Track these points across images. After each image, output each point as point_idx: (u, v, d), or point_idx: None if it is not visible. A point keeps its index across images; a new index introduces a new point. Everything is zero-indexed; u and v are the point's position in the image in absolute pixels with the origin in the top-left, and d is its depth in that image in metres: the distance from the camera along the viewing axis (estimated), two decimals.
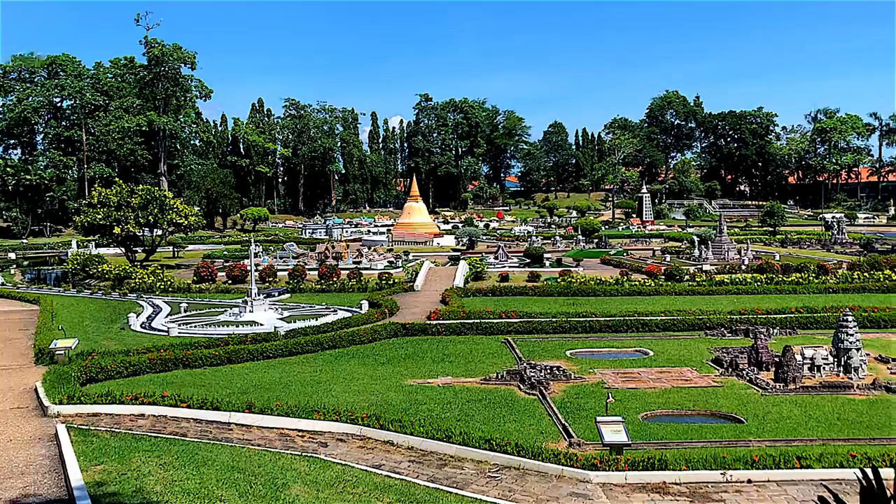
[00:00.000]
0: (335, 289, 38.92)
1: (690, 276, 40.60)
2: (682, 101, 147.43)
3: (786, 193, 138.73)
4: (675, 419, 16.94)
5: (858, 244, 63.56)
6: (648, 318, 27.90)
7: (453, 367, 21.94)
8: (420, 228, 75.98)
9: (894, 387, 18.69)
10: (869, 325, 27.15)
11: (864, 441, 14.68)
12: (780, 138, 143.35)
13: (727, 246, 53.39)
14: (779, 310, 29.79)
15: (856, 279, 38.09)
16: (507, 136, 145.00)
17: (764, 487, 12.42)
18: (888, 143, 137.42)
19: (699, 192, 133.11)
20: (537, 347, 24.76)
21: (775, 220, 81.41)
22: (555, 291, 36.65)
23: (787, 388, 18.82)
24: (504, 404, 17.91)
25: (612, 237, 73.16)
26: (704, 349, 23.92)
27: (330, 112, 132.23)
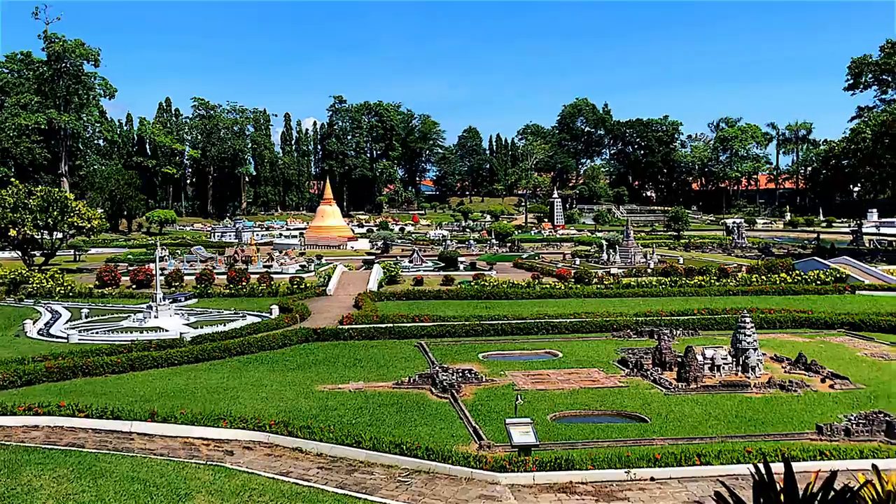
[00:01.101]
0: (245, 293, 38.14)
1: (599, 279, 41.59)
2: (592, 109, 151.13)
3: (690, 199, 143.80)
4: (583, 419, 17.28)
5: (757, 248, 66.51)
6: (558, 321, 28.41)
7: (365, 372, 21.80)
8: (334, 232, 75.29)
9: (788, 385, 19.57)
10: (766, 325, 28.39)
11: (760, 437, 15.32)
12: (685, 146, 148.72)
13: (634, 250, 54.98)
14: (682, 311, 30.80)
15: (754, 282, 39.77)
16: (422, 140, 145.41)
17: (666, 485, 12.80)
18: (784, 151, 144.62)
19: (608, 198, 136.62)
20: (450, 351, 24.85)
21: (680, 225, 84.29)
22: (468, 295, 36.92)
23: (689, 388, 19.47)
24: (416, 408, 17.89)
25: (525, 241, 74.28)
26: (611, 350, 24.52)
27: (241, 112, 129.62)
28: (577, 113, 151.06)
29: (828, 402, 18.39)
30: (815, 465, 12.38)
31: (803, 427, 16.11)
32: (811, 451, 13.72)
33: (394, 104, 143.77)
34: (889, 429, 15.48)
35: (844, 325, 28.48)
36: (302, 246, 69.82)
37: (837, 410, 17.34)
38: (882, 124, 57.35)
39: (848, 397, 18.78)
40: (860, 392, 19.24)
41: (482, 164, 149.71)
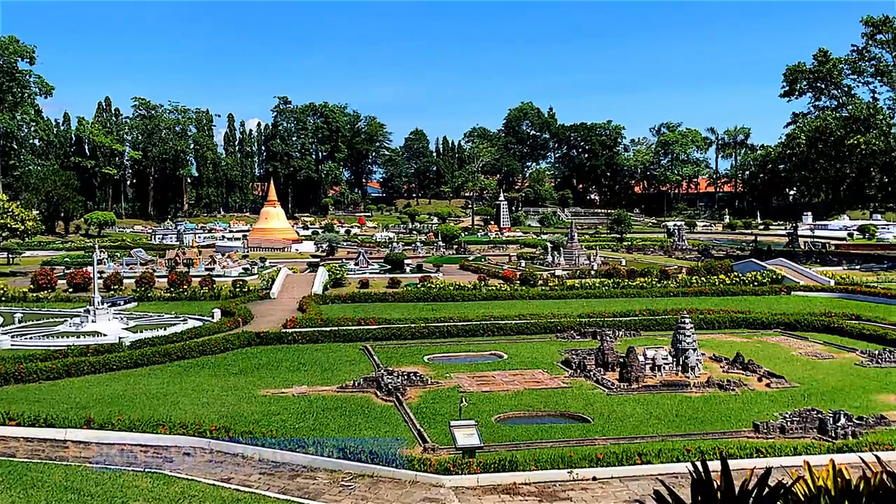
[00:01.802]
0: (186, 297, 37.44)
1: (544, 280, 41.98)
2: (537, 113, 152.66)
3: (632, 202, 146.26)
4: (527, 420, 17.41)
5: (697, 250, 67.97)
6: (504, 322, 28.58)
7: (309, 376, 21.58)
8: (278, 234, 74.45)
9: (726, 384, 20.02)
10: (705, 326, 29.00)
11: (699, 436, 15.63)
12: (628, 150, 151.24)
13: (578, 252, 55.68)
14: (624, 312, 31.26)
15: (694, 283, 40.61)
16: (368, 142, 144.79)
17: (608, 484, 12.96)
18: (723, 156, 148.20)
19: (553, 201, 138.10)
20: (395, 353, 24.79)
21: (622, 227, 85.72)
22: (415, 297, 36.88)
23: (631, 388, 19.77)
24: (360, 412, 17.78)
25: (472, 243, 74.57)
26: (556, 351, 24.75)
27: (183, 113, 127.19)
28: (522, 116, 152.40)
29: (764, 400, 18.86)
30: (751, 462, 12.66)
31: (741, 425, 16.49)
32: (748, 448, 14.05)
33: (340, 105, 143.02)
34: (821, 426, 15.95)
35: (780, 325, 29.27)
36: (245, 248, 68.87)
37: (773, 409, 17.79)
38: (816, 130, 59.20)
39: (783, 396, 19.29)
40: (795, 390, 19.79)
41: (429, 166, 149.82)
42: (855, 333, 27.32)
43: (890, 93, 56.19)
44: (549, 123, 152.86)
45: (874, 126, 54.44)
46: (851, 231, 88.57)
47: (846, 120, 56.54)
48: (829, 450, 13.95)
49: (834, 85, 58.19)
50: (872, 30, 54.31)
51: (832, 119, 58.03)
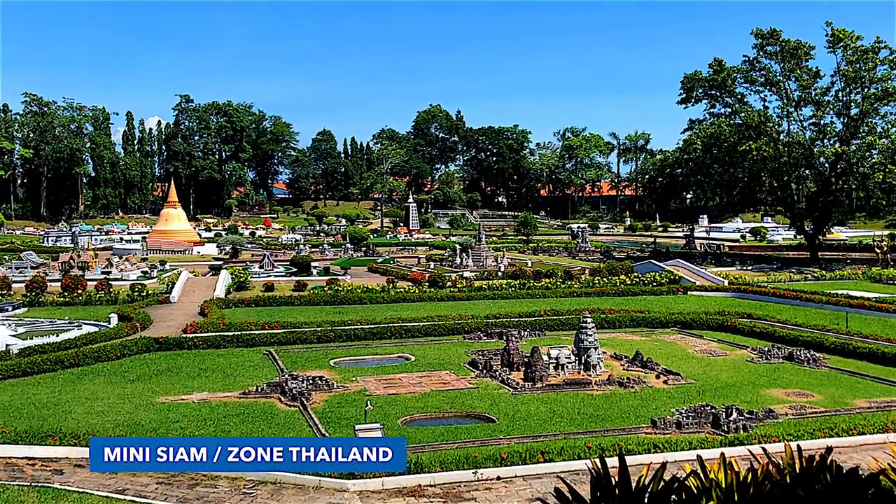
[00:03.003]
0: (81, 302, 35.86)
1: (452, 282, 42.23)
2: (446, 116, 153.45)
3: (538, 205, 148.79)
4: (433, 422, 17.46)
5: (599, 252, 69.82)
6: (411, 325, 28.59)
7: (210, 382, 21.03)
8: (179, 236, 72.21)
9: (626, 382, 20.61)
10: (606, 325, 29.80)
11: (600, 433, 16.02)
12: (534, 154, 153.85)
13: (486, 254, 56.29)
14: (530, 313, 31.77)
15: (596, 284, 41.65)
16: (274, 142, 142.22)
17: (511, 483, 13.12)
18: (625, 160, 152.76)
19: (462, 203, 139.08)
20: (301, 358, 24.45)
21: (529, 229, 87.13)
22: (321, 300, 36.45)
23: (535, 387, 20.10)
24: (264, 418, 17.44)
25: (380, 245, 74.30)
26: (462, 352, 24.92)
27: (78, 110, 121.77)
28: (431, 119, 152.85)
29: (662, 397, 19.51)
30: (648, 457, 13.07)
31: (639, 421, 17.00)
32: (646, 444, 14.49)
33: (244, 104, 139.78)
34: (715, 420, 16.61)
35: (677, 324, 30.38)
36: (145, 251, 66.63)
37: (670, 405, 18.42)
38: (711, 136, 61.70)
39: (680, 392, 20.01)
40: (690, 387, 20.55)
41: (337, 167, 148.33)
42: (746, 331, 28.62)
43: (779, 101, 59.13)
44: (458, 126, 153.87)
45: (764, 133, 57.16)
46: (744, 233, 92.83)
47: (739, 127, 59.14)
48: (722, 443, 14.53)
49: (728, 93, 60.71)
50: (762, 41, 56.99)
51: (726, 126, 60.59)
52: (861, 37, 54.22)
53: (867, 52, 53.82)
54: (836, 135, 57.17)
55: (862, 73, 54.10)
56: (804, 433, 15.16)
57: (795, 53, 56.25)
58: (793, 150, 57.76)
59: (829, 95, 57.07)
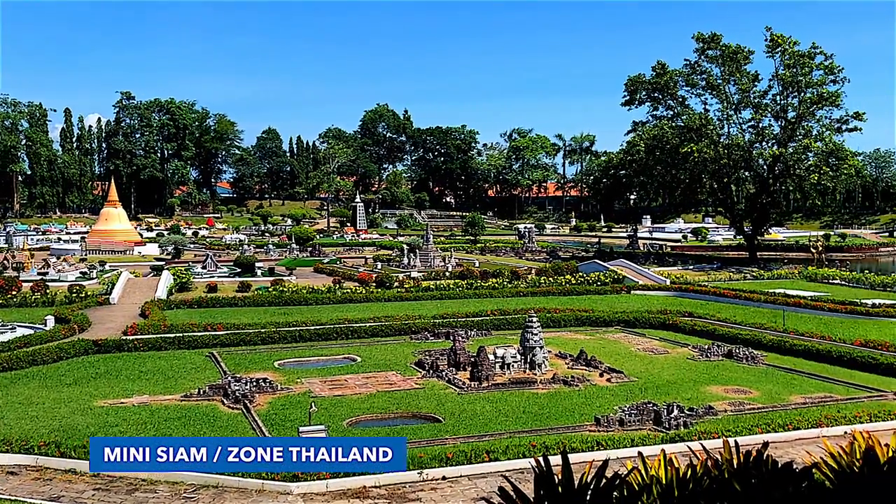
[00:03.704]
0: (16, 303, 34.73)
1: (400, 282, 42.12)
2: (393, 115, 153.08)
3: (486, 205, 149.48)
4: (379, 423, 17.39)
5: (546, 252, 70.44)
6: (358, 325, 28.42)
7: (151, 385, 20.57)
8: (119, 236, 70.51)
9: (570, 380, 20.81)
10: (552, 324, 30.05)
11: (544, 431, 16.14)
12: (482, 154, 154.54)
13: (433, 254, 56.30)
14: (477, 313, 31.87)
15: (542, 283, 42.01)
16: (218, 140, 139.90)
17: (457, 483, 13.12)
18: (570, 161, 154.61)
19: (410, 203, 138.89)
20: (244, 360, 24.10)
21: (476, 229, 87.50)
22: (266, 301, 35.98)
23: (481, 387, 20.15)
24: (206, 421, 17.13)
25: (327, 245, 73.76)
26: (409, 353, 24.86)
27: (13, 106, 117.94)
28: (378, 119, 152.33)
29: (605, 394, 19.76)
30: (591, 455, 13.21)
31: (583, 419, 17.17)
32: (589, 441, 14.65)
33: (187, 102, 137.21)
34: (657, 417, 16.88)
35: (621, 323, 30.82)
36: (83, 251, 64.87)
37: (614, 402, 18.66)
38: (654, 138, 62.81)
39: (623, 390, 20.28)
40: (633, 384, 20.86)
41: (283, 166, 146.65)
42: (687, 329, 29.17)
43: (719, 104, 60.48)
44: (406, 126, 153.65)
45: (705, 136, 58.41)
46: (686, 233, 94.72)
47: (681, 129, 60.30)
48: (663, 440, 14.78)
49: (670, 96, 61.87)
50: (703, 46, 58.21)
51: (668, 128, 61.73)
52: (798, 42, 55.84)
53: (804, 58, 55.40)
54: (774, 137, 58.74)
55: (798, 77, 55.66)
56: (742, 429, 15.51)
57: (735, 58, 57.59)
58: (732, 152, 59.15)
59: (767, 99, 58.62)
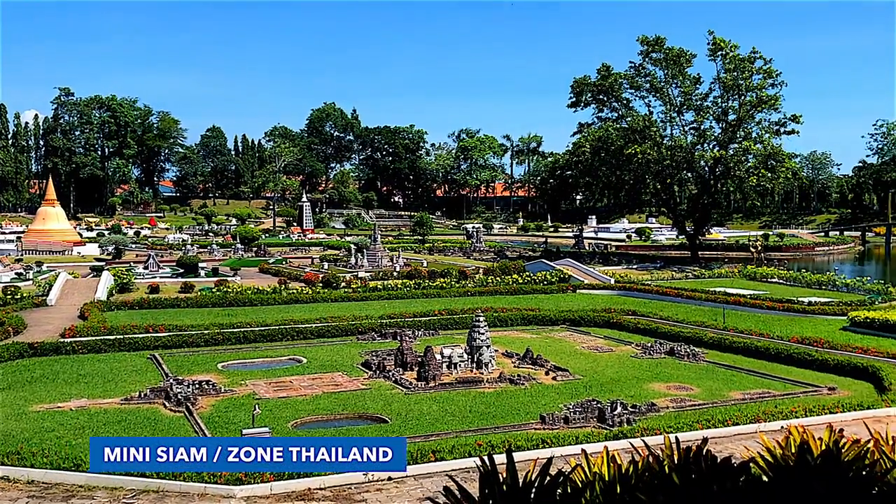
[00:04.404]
0: None
1: (347, 283, 41.86)
2: (341, 114, 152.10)
3: (434, 205, 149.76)
4: (325, 424, 17.25)
5: (493, 252, 70.83)
6: (304, 326, 28.16)
7: (89, 389, 20.04)
8: (57, 236, 68.57)
9: (517, 379, 20.94)
10: (499, 323, 30.21)
11: (490, 430, 16.21)
12: (430, 154, 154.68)
13: (381, 254, 56.10)
14: (425, 312, 31.86)
15: (490, 283, 42.21)
16: (161, 138, 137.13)
17: (403, 483, 13.08)
18: (518, 162, 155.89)
19: (358, 203, 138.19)
20: (187, 362, 23.66)
21: (425, 229, 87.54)
22: (209, 302, 35.38)
23: (428, 386, 20.15)
24: (146, 424, 16.77)
25: (272, 245, 72.96)
26: (356, 353, 24.71)
27: None
28: (325, 117, 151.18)
29: (551, 393, 19.93)
30: (536, 453, 13.31)
31: (529, 418, 17.30)
32: (535, 439, 14.76)
33: (129, 99, 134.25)
34: (601, 415, 17.09)
35: (566, 321, 31.15)
36: (19, 251, 63.07)
37: (559, 400, 18.84)
38: (599, 139, 63.67)
39: (568, 388, 20.49)
40: (578, 382, 21.09)
41: (227, 165, 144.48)
42: (631, 328, 29.63)
43: (662, 107, 61.64)
44: (353, 125, 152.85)
45: (649, 137, 59.45)
46: (630, 233, 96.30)
47: (625, 131, 61.26)
48: (607, 437, 14.96)
49: (615, 98, 62.78)
50: (647, 49, 59.24)
51: (613, 129, 62.68)
52: (738, 46, 57.24)
53: (744, 62, 56.79)
54: (715, 139, 60.09)
55: (739, 81, 57.04)
56: (683, 425, 15.81)
57: (678, 61, 58.74)
58: (675, 153, 60.30)
59: (708, 101, 59.94)
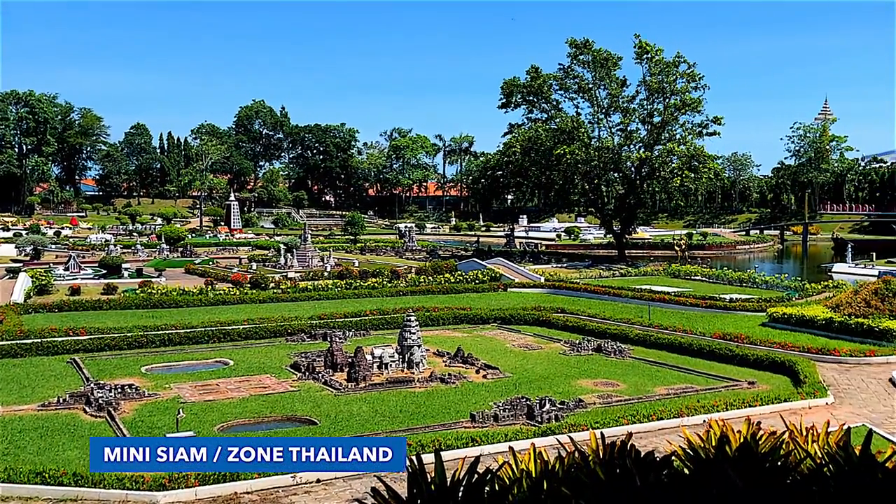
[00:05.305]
0: None
1: (276, 283, 41.26)
2: (270, 112, 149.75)
3: (366, 204, 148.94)
4: (253, 427, 16.99)
5: (426, 251, 70.91)
6: (231, 328, 27.67)
7: (4, 395, 19.27)
8: None
9: (448, 378, 21.01)
10: (430, 323, 30.26)
11: (421, 429, 16.22)
12: (362, 153, 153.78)
13: (311, 254, 55.53)
14: (356, 313, 31.66)
15: (422, 282, 42.23)
16: (82, 136, 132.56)
17: (331, 485, 12.97)
18: (450, 161, 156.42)
19: (288, 202, 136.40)
20: (109, 365, 22.98)
21: (356, 229, 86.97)
22: (133, 304, 34.39)
23: (359, 387, 20.04)
24: (65, 431, 16.21)
25: (199, 245, 71.43)
26: (285, 355, 24.40)
27: None
28: (254, 115, 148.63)
29: (482, 391, 20.07)
30: (465, 451, 13.38)
31: (459, 416, 17.38)
32: (464, 438, 14.83)
33: (48, 95, 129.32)
34: (529, 412, 17.29)
35: (497, 320, 31.41)
36: None
37: (489, 398, 18.97)
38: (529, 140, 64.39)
39: (498, 385, 20.67)
40: (508, 380, 21.30)
41: (152, 163, 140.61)
42: (560, 325, 30.07)
43: (590, 108, 62.73)
44: (283, 123, 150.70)
45: (577, 138, 60.36)
46: (560, 232, 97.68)
47: (554, 132, 62.08)
48: (535, 434, 15.14)
49: (544, 99, 63.62)
50: (576, 51, 60.18)
51: (542, 130, 63.43)
52: (662, 50, 58.62)
53: (668, 66, 58.23)
54: (641, 141, 61.42)
55: (664, 84, 58.44)
56: (609, 421, 16.11)
57: (605, 64, 59.85)
58: (603, 154, 61.39)
59: (634, 104, 61.22)
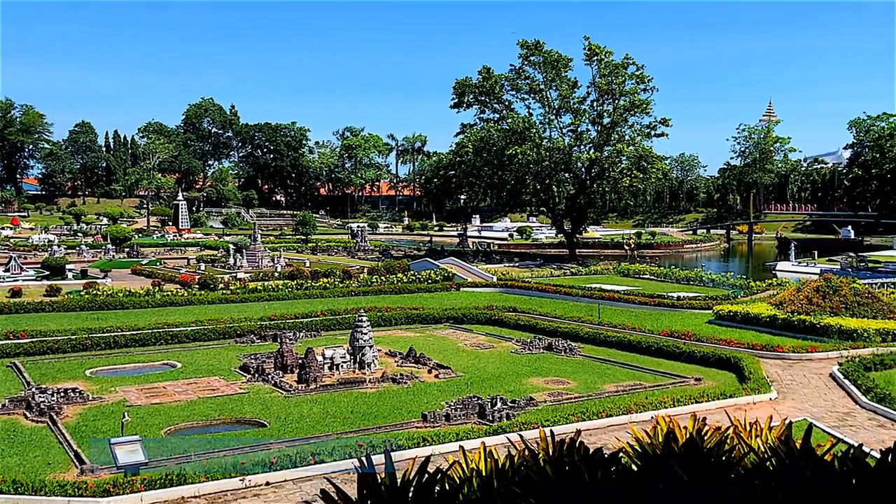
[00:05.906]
0: None
1: (225, 284, 40.66)
2: (219, 110, 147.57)
3: (318, 204, 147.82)
4: (200, 430, 16.70)
5: (378, 251, 70.64)
6: (178, 330, 27.18)
7: None
8: None
9: (399, 378, 20.95)
10: (383, 323, 30.16)
11: (372, 430, 16.14)
12: (313, 152, 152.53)
13: (261, 254, 54.92)
14: (306, 314, 31.38)
15: (374, 282, 42.06)
16: (24, 133, 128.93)
17: (281, 488, 12.83)
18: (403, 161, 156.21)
19: (237, 201, 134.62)
20: (52, 369, 22.38)
21: (308, 228, 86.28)
22: (78, 306, 33.55)
23: (309, 389, 19.85)
24: (5, 437, 15.76)
25: (146, 246, 70.06)
26: (234, 357, 24.06)
27: None
28: (203, 113, 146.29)
29: (434, 391, 20.06)
30: (416, 451, 13.37)
31: (411, 416, 17.34)
32: (416, 438, 14.81)
33: None
34: (481, 411, 17.33)
35: (450, 319, 31.44)
36: None
37: (441, 398, 18.97)
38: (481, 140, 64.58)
39: (450, 385, 20.68)
40: (460, 379, 21.32)
41: (98, 162, 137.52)
42: (511, 324, 30.23)
43: (541, 109, 63.18)
44: (232, 122, 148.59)
45: (529, 138, 60.76)
46: (512, 232, 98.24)
47: (506, 132, 62.38)
48: (486, 433, 15.18)
49: (496, 99, 63.85)
50: (527, 52, 60.56)
51: (494, 130, 63.71)
52: (612, 52, 59.31)
53: (618, 67, 58.95)
54: (591, 141, 62.06)
55: (613, 85, 59.15)
56: (559, 418, 16.24)
57: (556, 65, 60.35)
58: (553, 154, 61.90)
59: (585, 105, 61.86)
